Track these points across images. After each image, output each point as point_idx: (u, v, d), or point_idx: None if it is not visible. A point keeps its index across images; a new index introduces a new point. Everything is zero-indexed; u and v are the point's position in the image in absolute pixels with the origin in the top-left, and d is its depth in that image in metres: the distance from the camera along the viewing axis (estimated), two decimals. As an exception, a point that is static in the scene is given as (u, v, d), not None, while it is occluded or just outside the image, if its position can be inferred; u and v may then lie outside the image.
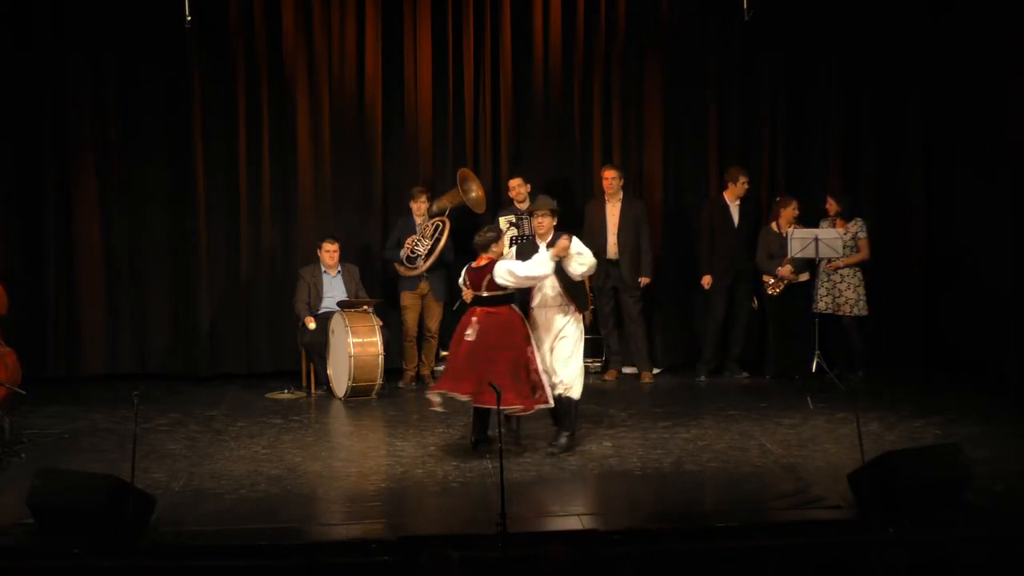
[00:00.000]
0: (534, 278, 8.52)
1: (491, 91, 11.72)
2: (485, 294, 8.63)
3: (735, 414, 9.84)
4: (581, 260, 8.57)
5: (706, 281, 11.41)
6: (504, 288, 8.57)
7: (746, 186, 11.35)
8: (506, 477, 7.04)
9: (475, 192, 11.33)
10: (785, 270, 11.02)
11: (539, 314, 8.74)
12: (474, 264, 8.75)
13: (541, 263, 8.49)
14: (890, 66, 11.85)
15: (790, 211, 11.09)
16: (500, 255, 8.83)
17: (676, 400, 10.55)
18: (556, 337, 8.69)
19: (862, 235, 10.94)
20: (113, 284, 11.57)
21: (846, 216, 10.95)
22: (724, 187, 11.49)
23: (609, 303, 11.38)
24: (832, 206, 11.02)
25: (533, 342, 8.60)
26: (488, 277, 8.61)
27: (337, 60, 11.58)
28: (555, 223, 8.76)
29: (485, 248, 8.78)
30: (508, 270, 8.51)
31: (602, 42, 11.78)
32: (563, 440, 8.72)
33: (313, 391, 10.94)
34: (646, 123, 11.89)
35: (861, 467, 7.22)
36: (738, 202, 11.40)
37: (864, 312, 10.98)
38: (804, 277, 11.11)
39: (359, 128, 11.66)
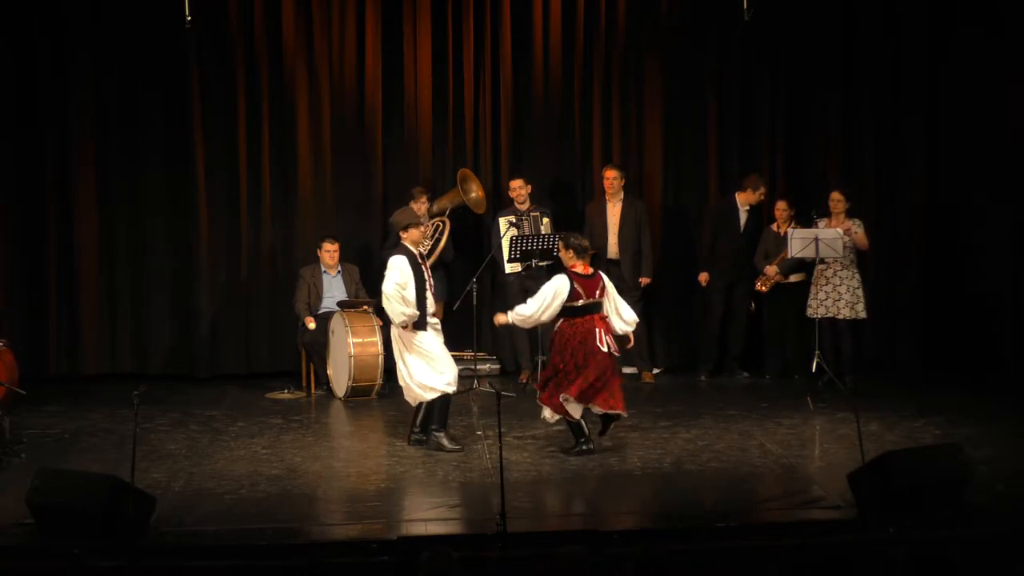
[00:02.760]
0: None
1: (491, 91, 11.71)
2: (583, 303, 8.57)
3: (735, 414, 9.84)
4: None
5: (703, 278, 11.41)
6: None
7: (762, 198, 11.32)
8: (506, 477, 7.04)
9: (475, 192, 11.33)
10: (771, 269, 11.02)
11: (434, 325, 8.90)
12: (582, 271, 8.63)
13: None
14: (890, 66, 11.84)
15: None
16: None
17: (676, 400, 10.54)
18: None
19: (859, 230, 10.77)
20: (113, 284, 11.57)
21: (851, 213, 10.83)
22: (740, 188, 11.42)
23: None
24: (841, 203, 10.79)
25: None
26: (602, 284, 8.62)
27: (337, 60, 11.58)
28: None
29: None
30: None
31: (602, 42, 11.77)
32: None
33: (313, 391, 10.94)
34: (646, 123, 11.89)
35: (861, 467, 7.22)
36: (747, 207, 11.39)
37: (862, 316, 10.82)
38: (798, 278, 11.10)
39: (359, 128, 11.66)
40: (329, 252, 11.03)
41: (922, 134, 11.87)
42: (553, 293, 8.49)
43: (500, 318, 8.92)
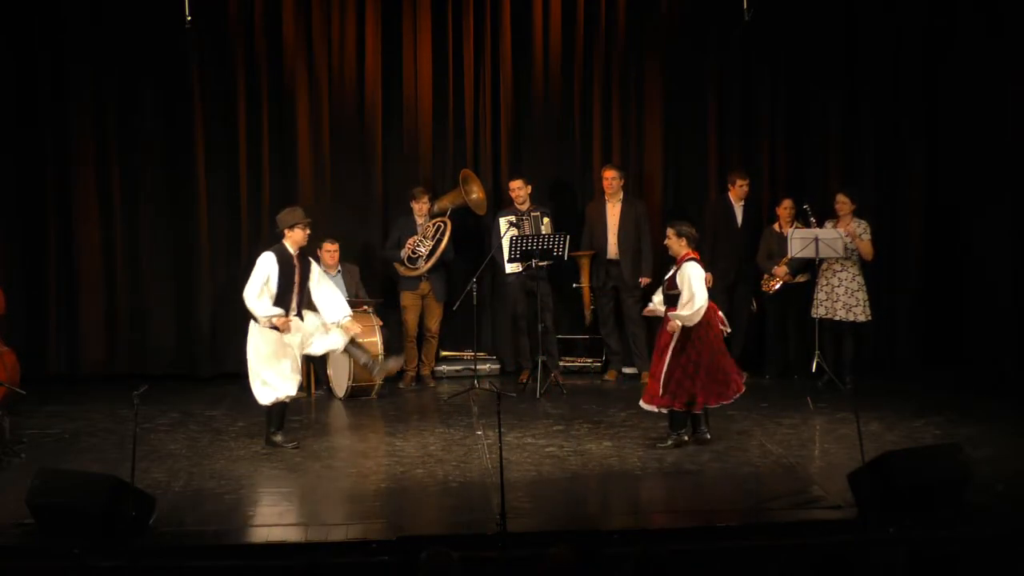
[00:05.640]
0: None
1: (491, 91, 11.71)
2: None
3: (735, 414, 9.83)
4: None
5: (708, 279, 11.38)
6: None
7: (744, 188, 11.34)
8: (506, 477, 7.05)
9: (476, 193, 11.33)
10: (780, 269, 11.02)
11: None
12: (696, 258, 8.77)
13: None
14: (890, 66, 11.84)
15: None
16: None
17: (676, 400, 10.53)
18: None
19: (866, 236, 10.78)
20: (113, 284, 11.56)
21: (856, 214, 10.78)
22: (726, 188, 11.49)
23: (609, 303, 11.37)
24: (846, 204, 10.72)
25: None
26: None
27: (337, 60, 11.58)
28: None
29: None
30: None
31: (602, 42, 11.77)
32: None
33: (313, 391, 10.94)
34: (646, 123, 11.89)
35: (861, 467, 7.22)
36: (742, 203, 11.39)
37: (863, 318, 10.76)
38: (802, 278, 11.09)
39: (359, 128, 11.66)
40: (329, 252, 11.03)
41: (922, 134, 11.87)
42: (702, 281, 8.63)
43: (673, 324, 8.74)
